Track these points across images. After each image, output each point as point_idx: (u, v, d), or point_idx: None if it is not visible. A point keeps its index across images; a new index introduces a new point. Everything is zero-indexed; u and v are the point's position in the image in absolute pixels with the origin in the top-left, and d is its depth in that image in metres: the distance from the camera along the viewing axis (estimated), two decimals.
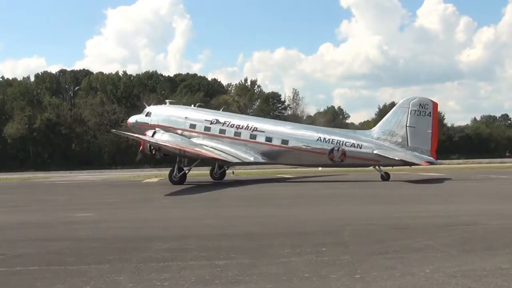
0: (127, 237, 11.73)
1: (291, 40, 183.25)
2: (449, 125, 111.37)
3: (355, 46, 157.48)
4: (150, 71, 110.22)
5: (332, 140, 33.71)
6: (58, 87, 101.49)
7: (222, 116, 37.24)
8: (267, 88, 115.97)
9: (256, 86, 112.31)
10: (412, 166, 33.78)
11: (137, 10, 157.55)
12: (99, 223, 14.29)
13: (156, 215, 16.48)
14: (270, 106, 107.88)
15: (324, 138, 33.95)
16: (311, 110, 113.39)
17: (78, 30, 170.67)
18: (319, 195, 24.10)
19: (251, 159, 35.05)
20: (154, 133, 34.74)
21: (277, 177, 40.89)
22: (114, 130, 41.87)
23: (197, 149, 33.22)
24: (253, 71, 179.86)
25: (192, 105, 40.71)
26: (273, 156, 35.30)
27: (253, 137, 35.20)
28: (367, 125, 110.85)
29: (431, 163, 32.81)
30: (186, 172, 33.24)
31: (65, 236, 12.00)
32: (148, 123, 36.62)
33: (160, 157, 36.08)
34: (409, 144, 32.67)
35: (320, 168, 40.48)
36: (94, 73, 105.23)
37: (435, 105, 33.32)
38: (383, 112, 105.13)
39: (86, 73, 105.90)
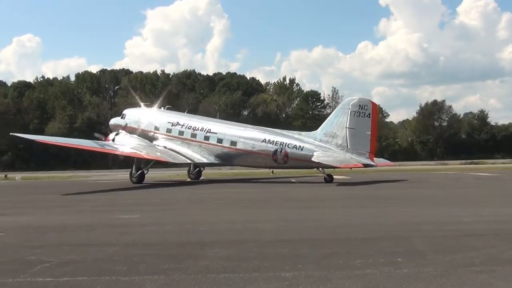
0: (178, 242, 10.87)
1: (329, 39, 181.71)
2: (492, 123, 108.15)
3: (394, 44, 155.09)
4: (188, 70, 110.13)
5: (276, 141, 33.81)
6: (99, 87, 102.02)
7: (183, 118, 38.49)
8: (305, 87, 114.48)
9: (294, 84, 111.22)
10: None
11: (176, 10, 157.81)
12: (146, 226, 13.47)
13: (205, 217, 15.54)
14: (309, 105, 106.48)
15: (269, 140, 34.10)
16: None
17: (117, 31, 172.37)
18: (353, 196, 22.67)
19: (204, 160, 36.04)
20: (116, 134, 37.00)
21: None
22: (12, 134, 40.77)
23: (133, 151, 34.11)
24: (291, 70, 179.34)
25: (162, 108, 41.44)
26: (224, 157, 36.00)
27: (206, 138, 36.22)
28: (407, 123, 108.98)
29: (368, 165, 31.96)
30: (145, 172, 34.80)
31: (112, 241, 11.19)
32: (121, 125, 38.98)
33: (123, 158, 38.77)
34: (348, 146, 31.83)
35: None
36: (134, 72, 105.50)
37: (374, 106, 32.57)
38: (424, 110, 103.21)
39: (126, 72, 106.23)
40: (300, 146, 32.93)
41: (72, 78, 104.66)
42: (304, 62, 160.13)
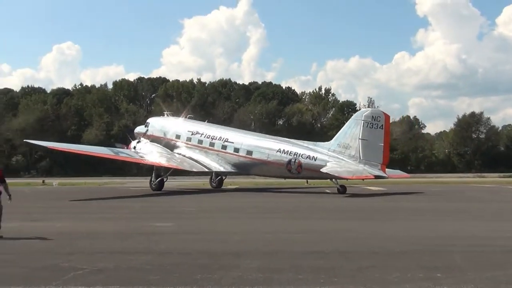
0: (211, 252, 10.76)
1: (366, 49, 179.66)
2: None
3: (431, 55, 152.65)
4: (224, 79, 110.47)
5: (290, 151, 33.77)
6: (136, 95, 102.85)
7: (202, 127, 38.86)
8: (341, 97, 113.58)
9: (330, 94, 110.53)
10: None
11: (213, 19, 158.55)
12: (179, 235, 13.43)
13: (237, 226, 15.42)
14: (345, 115, 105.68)
15: (284, 150, 34.09)
16: None
17: (155, 40, 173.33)
18: (386, 208, 22.39)
19: (221, 169, 36.23)
20: (138, 142, 38.22)
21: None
22: (25, 140, 43.48)
23: (150, 159, 35.11)
24: (327, 80, 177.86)
25: (184, 117, 42.24)
26: (240, 166, 36.08)
27: (224, 147, 36.49)
28: (444, 135, 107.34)
29: (379, 177, 31.43)
30: (164, 179, 35.53)
31: (145, 249, 11.14)
32: (145, 133, 39.62)
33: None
34: (361, 157, 31.46)
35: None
36: (171, 81, 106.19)
37: (387, 117, 32.16)
38: (462, 122, 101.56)
39: (162, 80, 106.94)
40: (313, 156, 32.75)
41: (110, 86, 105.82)
42: (340, 72, 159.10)
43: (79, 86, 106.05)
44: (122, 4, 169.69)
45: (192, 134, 37.98)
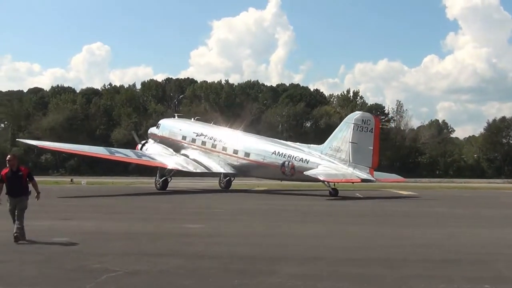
0: (246, 256, 10.42)
1: (394, 52, 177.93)
2: None
3: (461, 58, 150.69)
4: (252, 80, 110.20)
5: (284, 154, 34.13)
6: (164, 95, 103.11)
7: (206, 129, 39.67)
8: (369, 101, 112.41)
9: (358, 97, 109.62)
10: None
11: (241, 21, 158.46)
12: (212, 237, 13.09)
13: (270, 229, 15.04)
14: None
15: (278, 152, 34.52)
16: (414, 123, 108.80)
17: (183, 41, 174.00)
18: (423, 214, 21.69)
19: (221, 170, 36.97)
20: (145, 143, 39.83)
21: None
22: (19, 140, 46.51)
23: (145, 159, 36.58)
24: (354, 82, 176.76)
25: (192, 119, 43.55)
26: (239, 168, 36.69)
27: (224, 149, 37.15)
28: (473, 140, 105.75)
29: (366, 180, 31.37)
30: (168, 179, 36.36)
31: (178, 251, 10.84)
32: (156, 134, 40.96)
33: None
34: (351, 161, 31.38)
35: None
36: (198, 82, 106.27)
37: (377, 121, 32.26)
38: (492, 127, 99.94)
39: (190, 81, 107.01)
40: (306, 159, 32.97)
41: (138, 86, 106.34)
42: (368, 75, 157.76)
43: (108, 86, 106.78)
44: (151, 5, 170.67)
45: (197, 135, 38.74)
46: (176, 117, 44.06)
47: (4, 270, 8.95)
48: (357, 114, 32.90)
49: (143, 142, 40.18)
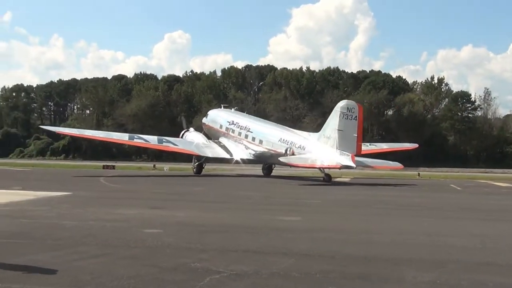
0: (360, 256, 9.14)
1: (480, 37, 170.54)
2: None
3: None
4: (332, 67, 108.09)
5: (287, 140, 35.63)
6: (243, 82, 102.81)
7: (237, 117, 42.15)
8: (453, 88, 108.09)
9: (443, 84, 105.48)
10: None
11: (321, 8, 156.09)
12: (314, 232, 11.89)
13: (377, 225, 13.55)
14: (459, 106, 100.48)
15: (283, 139, 36.01)
16: (501, 112, 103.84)
17: (262, 29, 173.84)
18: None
19: (244, 157, 38.56)
20: (186, 131, 42.82)
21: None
22: (41, 126, 51.11)
23: (165, 145, 39.38)
24: (437, 69, 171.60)
25: (232, 109, 46.55)
26: (256, 155, 38.25)
27: (246, 136, 39.21)
28: None
29: (346, 167, 32.01)
30: (203, 165, 39.47)
31: (283, 249, 9.66)
32: (205, 123, 44.79)
33: None
34: (337, 148, 31.94)
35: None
36: (279, 69, 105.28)
37: (360, 108, 32.55)
38: None
39: (270, 68, 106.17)
40: (303, 146, 34.25)
41: (219, 73, 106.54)
42: (451, 62, 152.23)
43: (189, 73, 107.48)
44: None
45: (229, 124, 41.04)
46: (222, 108, 46.79)
47: (96, 267, 8.04)
48: (343, 102, 33.44)
49: (185, 130, 43.12)
